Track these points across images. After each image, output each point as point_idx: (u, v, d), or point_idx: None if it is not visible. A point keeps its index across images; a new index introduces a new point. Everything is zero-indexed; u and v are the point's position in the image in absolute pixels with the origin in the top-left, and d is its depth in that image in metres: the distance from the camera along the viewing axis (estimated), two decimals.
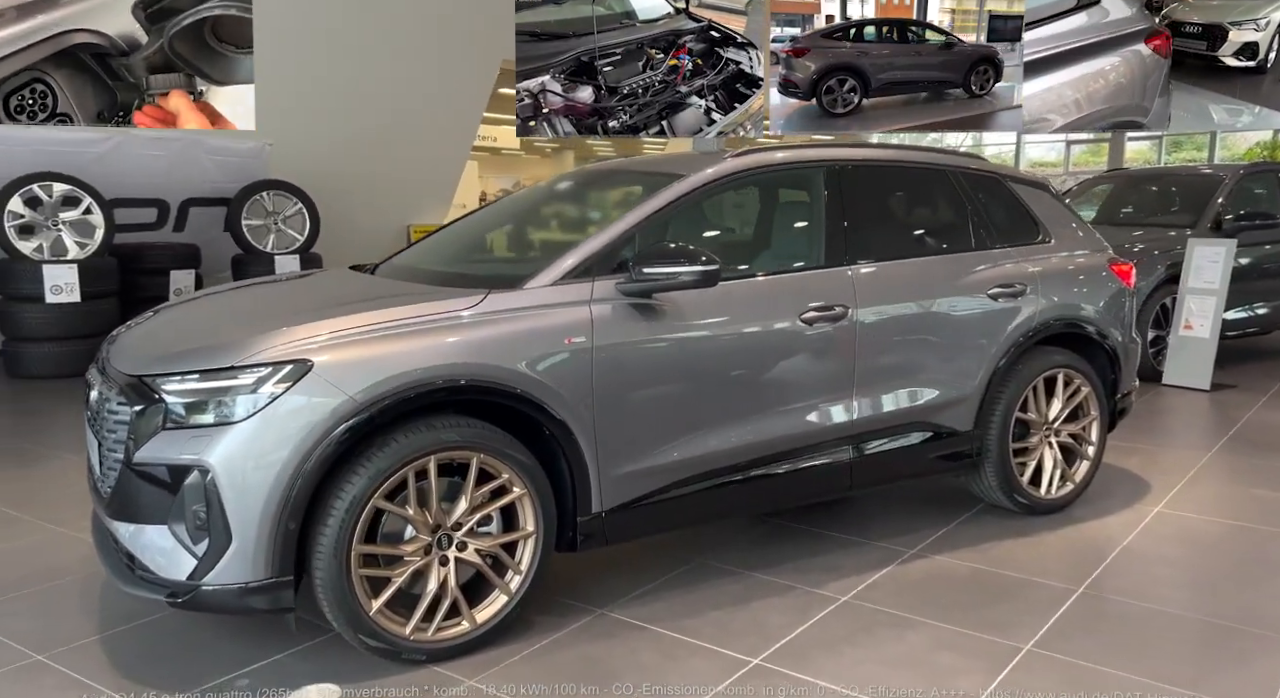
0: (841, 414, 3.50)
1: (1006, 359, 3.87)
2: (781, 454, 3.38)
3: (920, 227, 4.02)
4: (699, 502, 3.24)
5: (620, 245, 3.13)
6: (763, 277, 3.48)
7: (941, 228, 4.03)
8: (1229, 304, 6.85)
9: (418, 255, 3.78)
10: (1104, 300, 4.21)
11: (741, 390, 3.27)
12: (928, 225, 4.06)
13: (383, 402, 2.62)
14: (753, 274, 3.49)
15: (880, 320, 3.56)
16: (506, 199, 4.12)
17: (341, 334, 2.68)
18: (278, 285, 3.71)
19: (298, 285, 3.67)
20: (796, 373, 3.39)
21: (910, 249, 3.81)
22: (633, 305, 3.06)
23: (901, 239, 3.84)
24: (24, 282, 7.18)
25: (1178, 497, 4.33)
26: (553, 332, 2.91)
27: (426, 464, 2.72)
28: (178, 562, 2.57)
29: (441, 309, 2.83)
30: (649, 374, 3.08)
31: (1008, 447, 3.93)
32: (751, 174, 3.55)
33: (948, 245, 3.91)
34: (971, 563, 3.58)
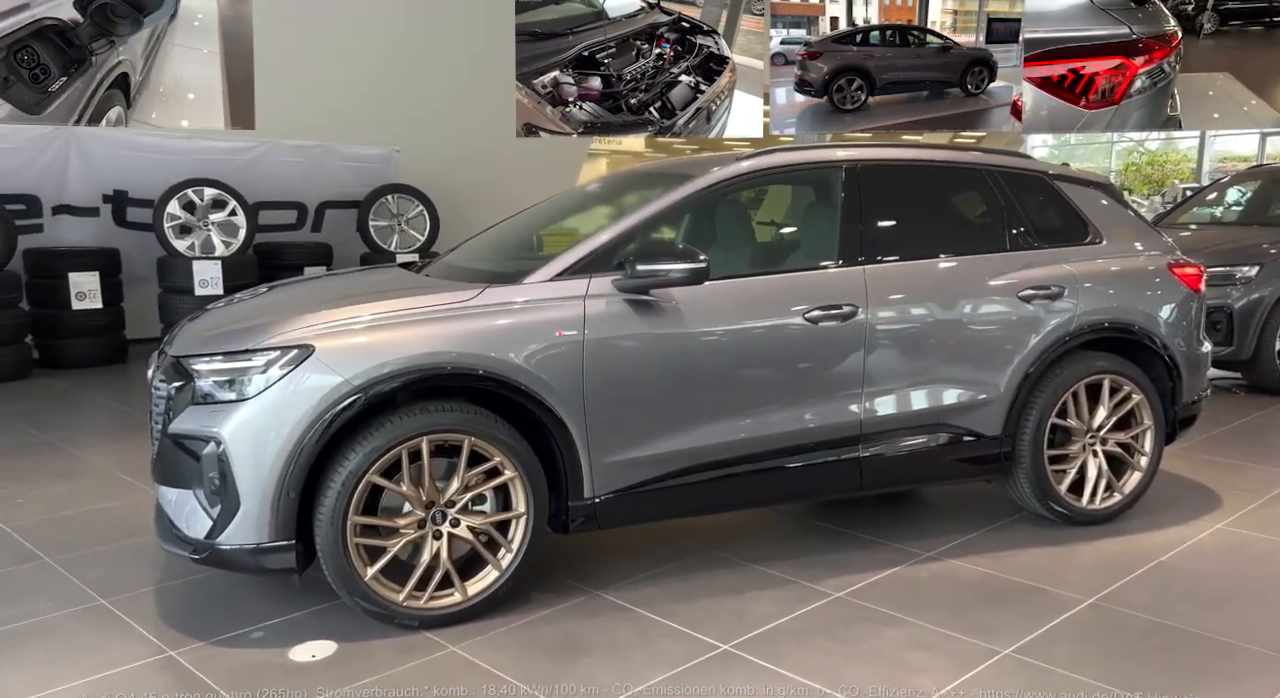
0: (848, 413, 3.53)
1: (1039, 363, 3.77)
2: (783, 450, 3.44)
3: (944, 227, 3.97)
4: (696, 493, 3.36)
5: (619, 244, 3.29)
6: (767, 275, 3.55)
7: (969, 228, 3.97)
8: None
9: (460, 254, 4.06)
10: (1160, 304, 4.02)
11: (738, 386, 3.36)
12: (953, 226, 4.00)
13: (376, 385, 2.89)
14: (758, 272, 3.57)
15: (893, 320, 3.56)
16: (550, 201, 4.34)
17: (344, 322, 2.97)
18: (333, 280, 4.08)
19: (347, 280, 4.01)
20: (798, 370, 3.44)
21: (932, 249, 3.78)
22: (629, 301, 3.21)
23: (922, 239, 3.81)
24: (179, 276, 8.02)
25: (1247, 516, 4.09)
26: (544, 325, 3.11)
27: (419, 445, 2.97)
28: (199, 522, 2.93)
29: (439, 301, 3.08)
30: (642, 368, 3.22)
31: (1042, 453, 3.83)
32: (761, 176, 3.63)
33: (975, 246, 3.85)
34: (985, 568, 3.53)
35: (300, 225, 9.27)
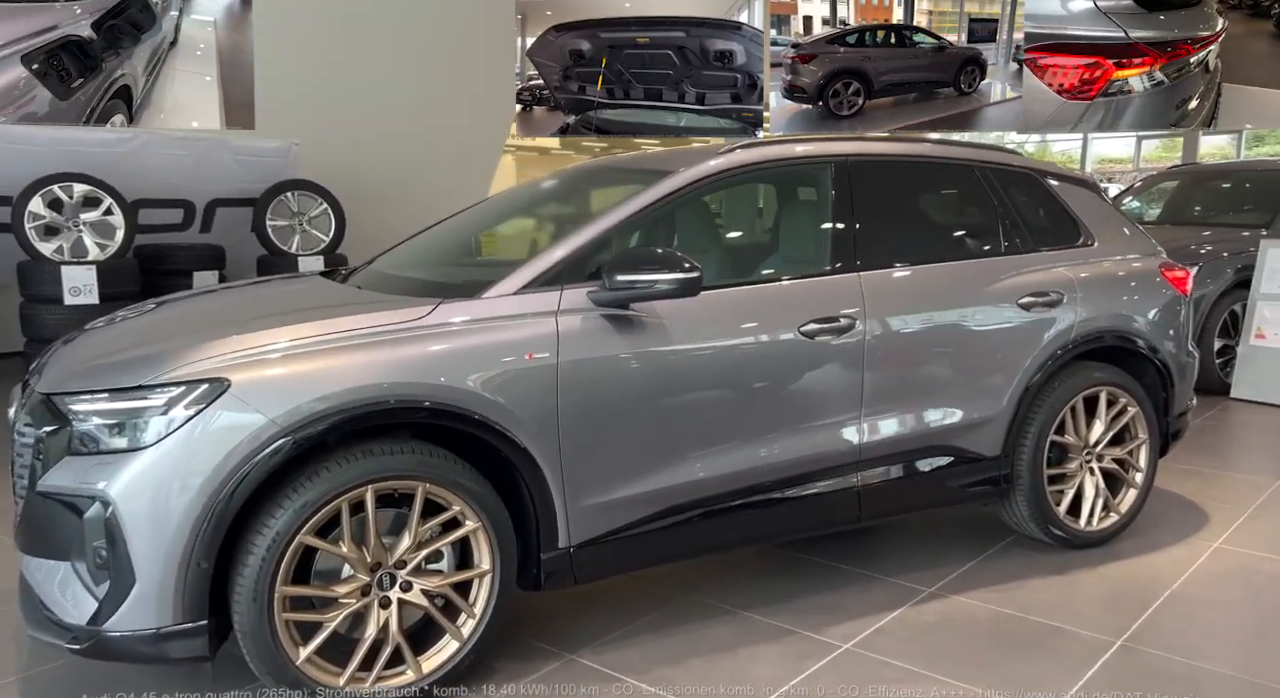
0: (847, 438, 3.14)
1: (1040, 376, 3.47)
2: (778, 482, 3.03)
3: (942, 228, 3.63)
4: (682, 535, 2.92)
5: (593, 251, 2.82)
6: (759, 284, 3.13)
7: (967, 229, 3.64)
8: None
9: (392, 260, 3.52)
10: (1154, 310, 3.77)
11: (731, 412, 2.93)
12: (951, 227, 3.67)
13: (309, 426, 2.34)
14: (748, 281, 3.12)
15: (893, 333, 3.19)
16: (492, 200, 3.83)
17: (265, 349, 2.41)
18: (239, 293, 3.46)
19: (257, 293, 3.42)
20: (794, 392, 3.04)
21: (930, 253, 3.43)
22: (607, 317, 2.74)
23: (920, 242, 3.47)
24: (45, 283, 7.09)
25: (1240, 531, 3.88)
26: (511, 346, 2.61)
27: (363, 495, 2.44)
28: (80, 603, 2.33)
29: (383, 321, 2.55)
30: (624, 393, 2.76)
31: (1041, 473, 3.52)
32: (747, 171, 3.20)
33: (973, 249, 3.52)
34: (994, 606, 3.20)
35: (188, 225, 8.41)
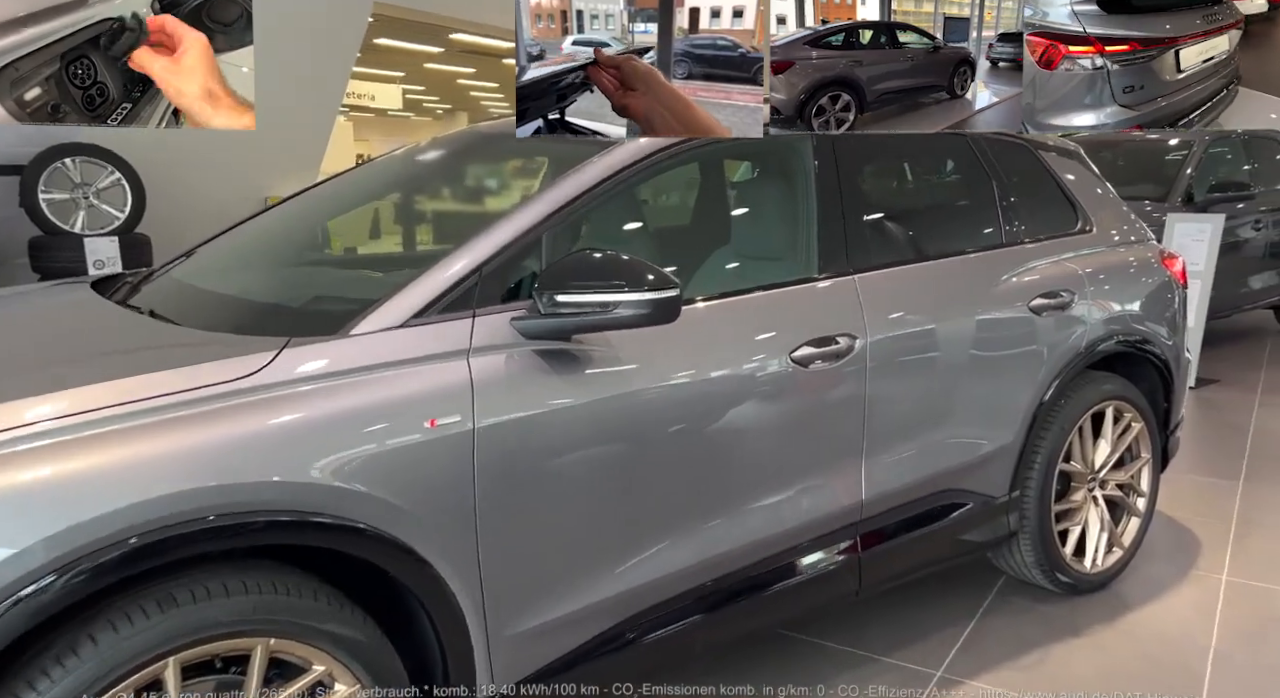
0: (847, 495, 2.38)
1: (1051, 393, 2.82)
2: (766, 561, 2.24)
3: (941, 215, 2.92)
4: (647, 652, 2.09)
5: (516, 258, 1.92)
6: (736, 296, 2.28)
7: (967, 216, 2.94)
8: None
9: (200, 265, 2.48)
10: (1159, 305, 3.19)
11: (712, 477, 2.11)
12: (950, 213, 2.96)
13: (72, 570, 1.37)
14: (721, 294, 2.28)
15: (899, 352, 2.45)
16: (346, 176, 2.82)
17: (5, 438, 1.41)
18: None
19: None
20: (787, 442, 2.25)
21: (931, 246, 2.70)
22: (542, 355, 1.86)
23: (919, 233, 2.74)
24: None
25: (1239, 560, 3.37)
26: (400, 409, 1.69)
27: (163, 671, 1.48)
28: None
29: (191, 383, 1.57)
30: (572, 464, 1.89)
31: (1049, 511, 2.89)
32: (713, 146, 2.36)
33: (976, 240, 2.82)
34: (1018, 692, 2.53)
35: None
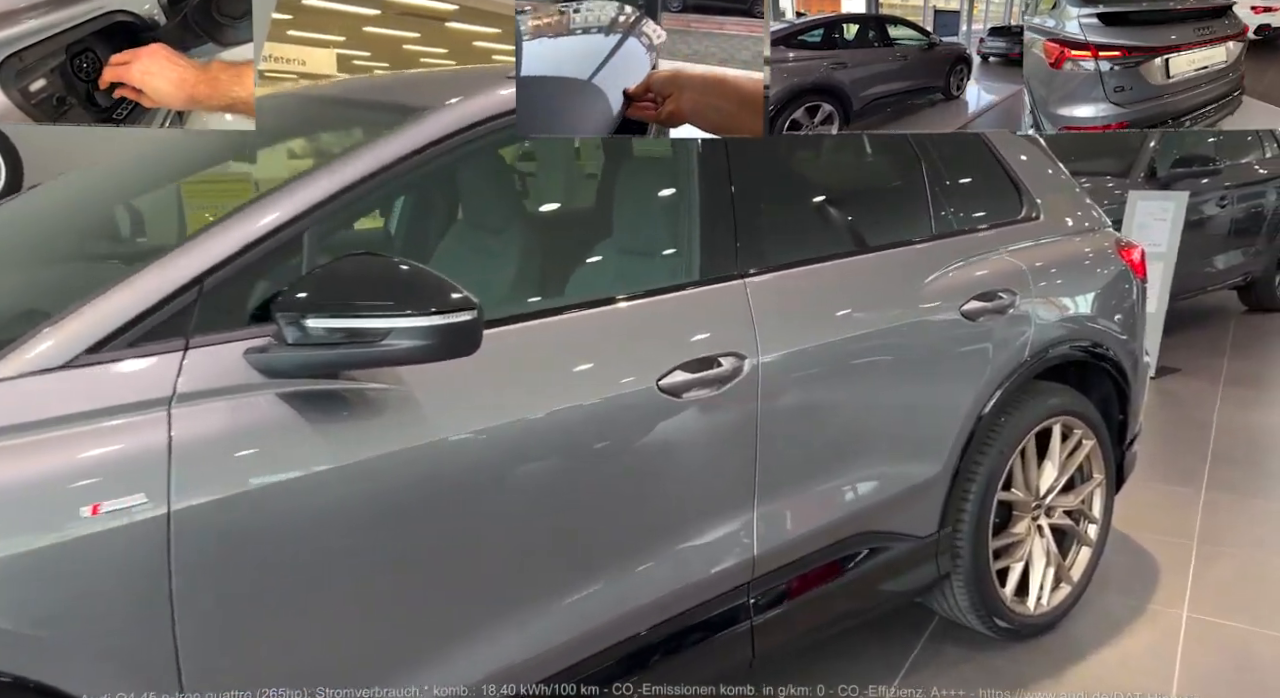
0: (734, 551, 1.94)
1: (989, 412, 2.39)
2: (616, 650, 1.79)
3: (854, 201, 2.46)
4: None
5: (261, 265, 1.43)
6: (580, 312, 1.81)
7: (887, 202, 2.49)
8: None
9: None
10: (1115, 304, 2.77)
11: (545, 547, 1.65)
12: (865, 198, 2.50)
13: None
14: (559, 309, 1.80)
15: (799, 374, 2.00)
16: (135, 154, 2.30)
17: None
18: None
19: None
20: (650, 494, 1.79)
21: (841, 240, 2.25)
22: (292, 399, 1.38)
23: (826, 224, 2.28)
24: None
25: (1200, 594, 2.96)
26: (38, 492, 1.21)
27: None
28: None
29: None
30: (329, 555, 1.42)
31: (986, 549, 2.47)
32: None
33: (896, 232, 2.37)
34: None
35: None
